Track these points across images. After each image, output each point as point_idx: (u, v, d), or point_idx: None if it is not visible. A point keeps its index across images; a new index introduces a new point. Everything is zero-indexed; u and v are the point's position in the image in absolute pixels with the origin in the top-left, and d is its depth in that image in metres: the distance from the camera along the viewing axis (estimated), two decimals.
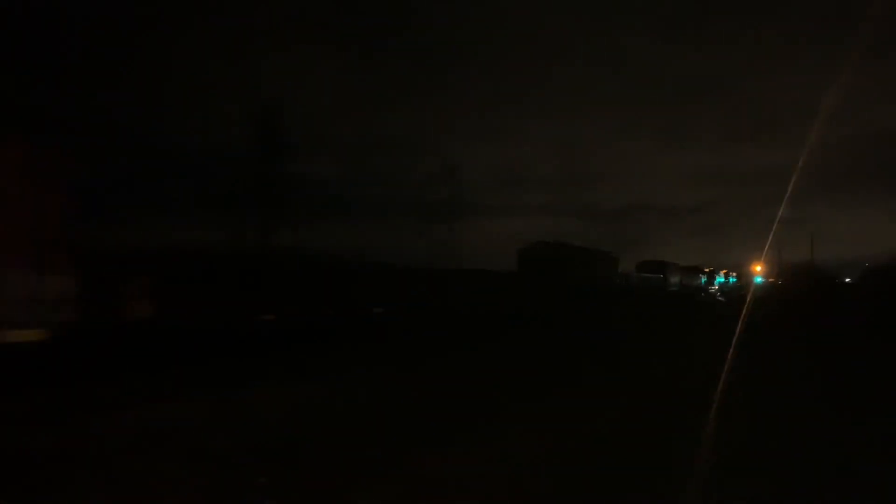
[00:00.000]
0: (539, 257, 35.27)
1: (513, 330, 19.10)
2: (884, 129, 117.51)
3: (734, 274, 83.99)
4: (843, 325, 21.23)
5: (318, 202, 35.79)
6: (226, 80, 55.88)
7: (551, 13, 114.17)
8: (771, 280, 77.81)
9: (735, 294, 54.70)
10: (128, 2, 47.02)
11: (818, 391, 8.82)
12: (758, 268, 68.68)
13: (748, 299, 36.38)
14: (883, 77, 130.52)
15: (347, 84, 79.85)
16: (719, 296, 54.34)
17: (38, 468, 4.92)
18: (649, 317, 26.47)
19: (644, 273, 50.53)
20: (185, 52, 50.13)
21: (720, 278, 59.79)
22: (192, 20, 53.03)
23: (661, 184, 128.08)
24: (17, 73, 22.45)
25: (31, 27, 25.50)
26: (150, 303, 11.86)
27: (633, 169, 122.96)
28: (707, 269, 75.41)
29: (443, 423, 6.59)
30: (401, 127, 76.71)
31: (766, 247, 70.82)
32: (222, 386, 8.77)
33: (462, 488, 4.54)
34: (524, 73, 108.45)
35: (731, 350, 12.99)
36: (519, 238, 50.40)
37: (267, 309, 14.64)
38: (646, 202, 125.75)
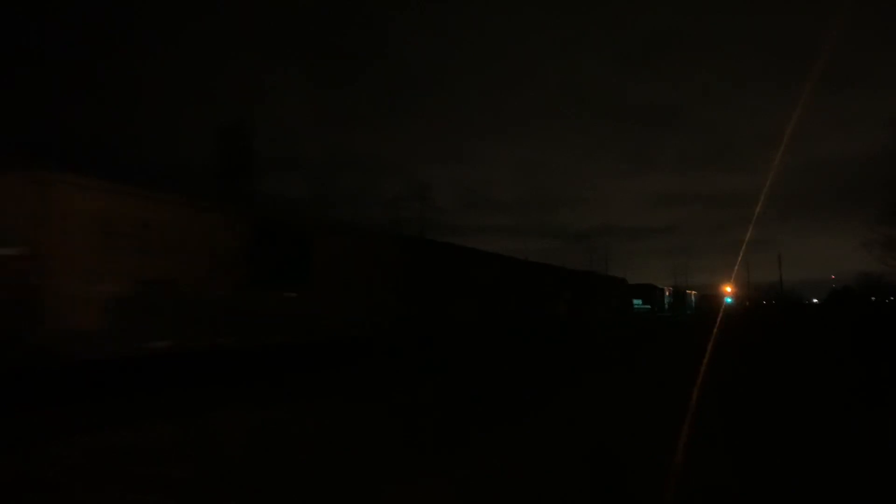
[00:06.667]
0: None
1: None
2: (842, 155, 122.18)
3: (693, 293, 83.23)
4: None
5: None
6: (196, 97, 55.00)
7: (519, 43, 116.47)
8: (743, 301, 77.77)
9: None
10: (96, 18, 46.02)
11: None
12: (727, 288, 69.25)
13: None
14: (840, 105, 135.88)
15: (319, 104, 79.66)
16: None
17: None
18: None
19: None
20: (154, 68, 49.18)
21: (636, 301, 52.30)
22: (162, 36, 52.19)
23: (625, 206, 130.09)
24: None
25: None
26: None
27: (597, 191, 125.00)
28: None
29: None
30: (371, 147, 76.70)
31: (736, 268, 71.67)
32: None
33: None
34: (492, 99, 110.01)
35: None
36: None
37: None
38: (611, 224, 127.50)
